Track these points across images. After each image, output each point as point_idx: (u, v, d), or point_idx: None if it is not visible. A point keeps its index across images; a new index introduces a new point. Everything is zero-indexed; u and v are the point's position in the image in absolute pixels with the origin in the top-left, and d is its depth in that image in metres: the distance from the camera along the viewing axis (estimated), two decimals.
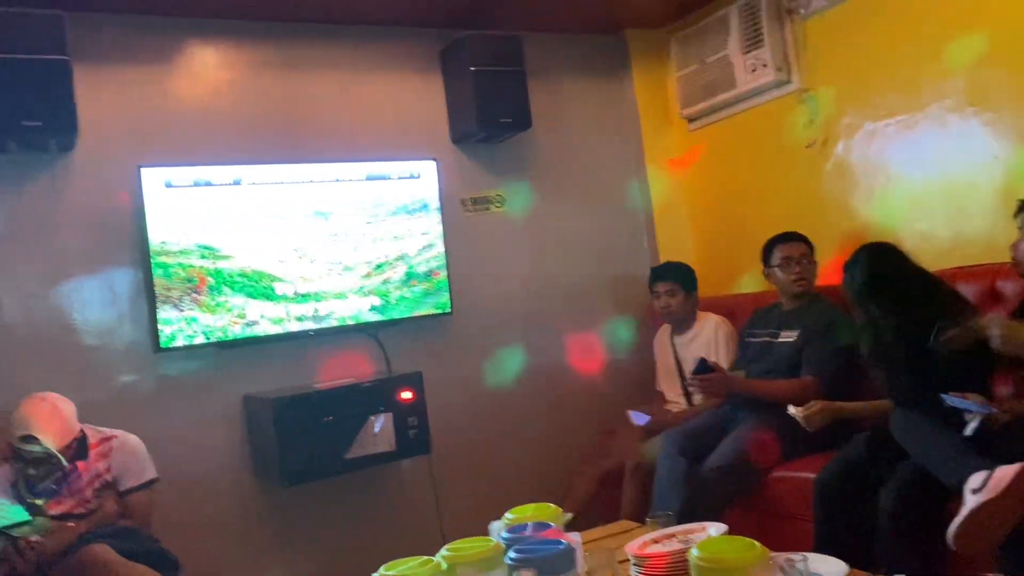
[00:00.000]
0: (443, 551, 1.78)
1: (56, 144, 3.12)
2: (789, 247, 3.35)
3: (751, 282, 3.82)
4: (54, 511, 2.71)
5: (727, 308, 3.85)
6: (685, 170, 4.43)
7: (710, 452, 3.09)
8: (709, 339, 3.68)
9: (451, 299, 3.78)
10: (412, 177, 3.74)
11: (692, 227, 4.43)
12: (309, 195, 3.54)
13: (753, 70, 3.84)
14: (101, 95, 3.26)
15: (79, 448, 2.79)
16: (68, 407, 2.81)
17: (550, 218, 4.19)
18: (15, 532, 2.48)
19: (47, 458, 2.67)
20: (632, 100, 4.42)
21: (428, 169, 3.76)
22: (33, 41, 2.91)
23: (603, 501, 3.51)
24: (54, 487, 2.73)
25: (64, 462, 2.68)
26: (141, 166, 3.21)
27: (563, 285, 4.17)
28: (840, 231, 3.55)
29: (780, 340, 3.30)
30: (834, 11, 3.58)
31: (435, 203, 3.76)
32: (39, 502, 2.70)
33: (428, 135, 3.92)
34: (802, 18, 3.71)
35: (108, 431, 2.88)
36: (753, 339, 3.44)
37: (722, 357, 3.57)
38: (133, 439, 2.89)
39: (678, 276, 3.78)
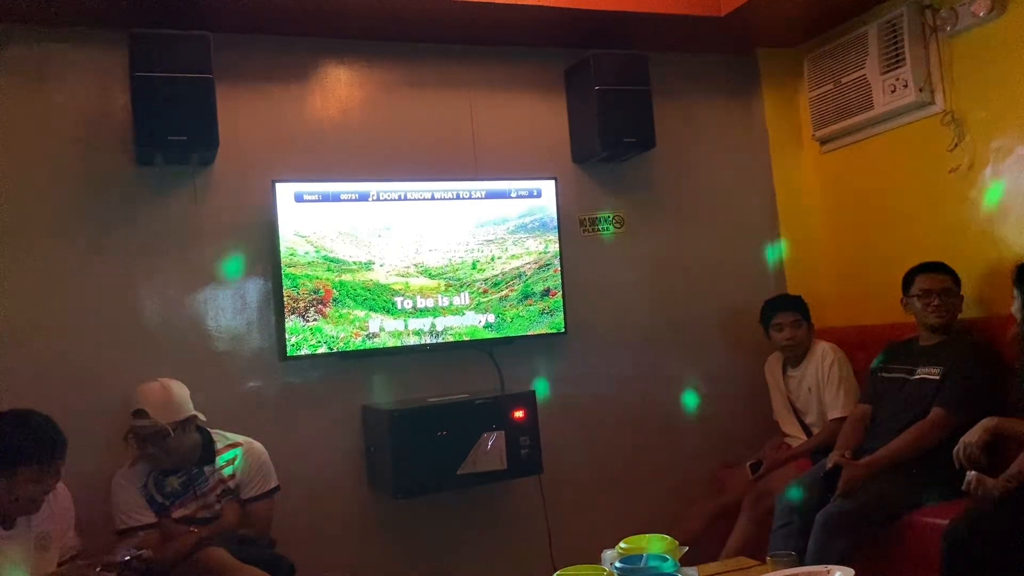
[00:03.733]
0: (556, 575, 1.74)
1: (198, 158, 3.29)
2: (931, 278, 3.15)
3: (884, 313, 3.62)
4: (177, 513, 2.82)
5: (857, 339, 3.68)
6: (816, 194, 4.26)
7: (828, 499, 2.92)
8: (820, 370, 3.54)
9: (565, 319, 3.74)
10: (532, 195, 3.74)
11: (822, 254, 4.24)
12: (431, 211, 3.59)
13: (892, 91, 3.66)
14: (240, 112, 3.41)
15: (205, 452, 2.88)
16: (179, 388, 2.86)
17: (671, 241, 4.10)
18: None
19: (156, 432, 2.74)
20: (761, 121, 4.29)
21: (548, 188, 3.76)
22: (180, 60, 3.08)
23: (716, 536, 3.39)
24: (180, 489, 2.83)
25: (171, 433, 2.75)
26: (275, 181, 3.33)
27: (682, 310, 4.06)
28: (986, 262, 3.32)
29: (917, 377, 3.11)
30: (983, 28, 3.37)
31: (554, 222, 3.75)
32: (166, 503, 2.81)
33: (550, 154, 3.92)
34: (948, 36, 3.51)
35: (235, 438, 2.97)
36: (886, 374, 3.25)
37: (831, 389, 3.44)
38: (258, 447, 2.96)
39: (800, 306, 3.66)
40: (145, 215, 3.30)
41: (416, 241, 3.57)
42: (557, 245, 3.75)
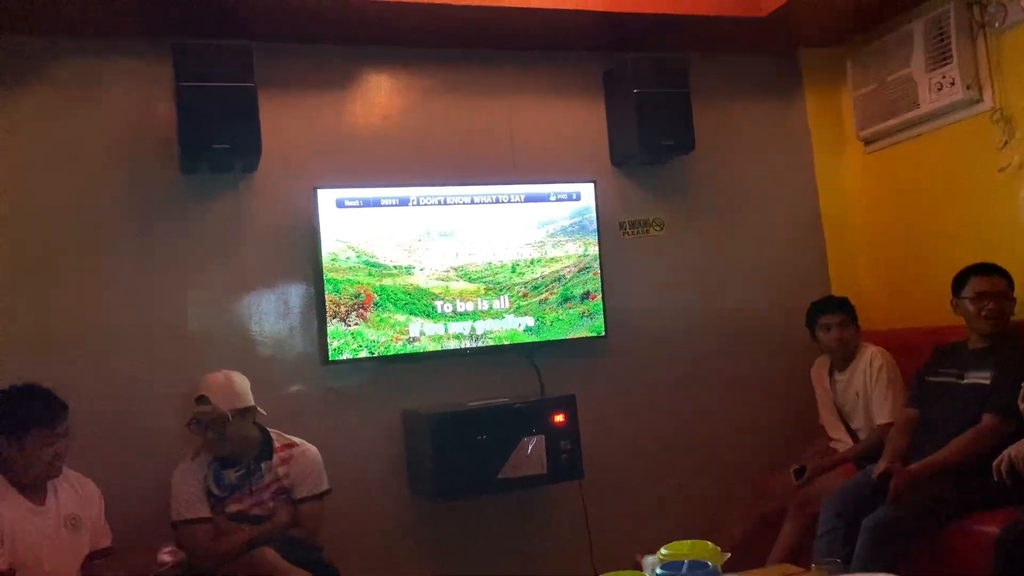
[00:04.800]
0: None
1: (241, 166, 3.34)
2: (986, 281, 3.08)
3: (930, 316, 3.54)
4: (232, 508, 2.89)
5: (902, 342, 3.62)
6: (861, 195, 4.19)
7: (872, 508, 2.86)
8: (868, 373, 3.48)
9: (606, 323, 3.73)
10: (571, 199, 3.74)
11: (866, 256, 4.17)
12: (470, 215, 3.60)
13: (939, 88, 3.58)
14: (282, 119, 3.45)
15: (263, 449, 2.96)
16: (241, 379, 2.95)
17: (712, 244, 4.06)
18: None
19: (216, 418, 2.83)
20: (803, 121, 4.23)
21: (587, 191, 3.75)
22: (223, 69, 3.13)
23: (759, 542, 3.34)
24: (237, 483, 2.91)
25: (231, 419, 2.84)
26: (317, 187, 3.37)
27: (723, 313, 4.02)
28: None
29: (967, 382, 3.04)
30: None
31: (593, 225, 3.74)
32: (223, 496, 2.89)
33: (589, 157, 3.91)
34: (996, 32, 3.43)
35: (291, 439, 3.03)
36: (934, 378, 3.19)
37: (879, 393, 3.38)
38: (313, 450, 3.02)
39: (847, 308, 3.60)
40: (190, 222, 3.36)
41: (456, 245, 3.58)
42: (597, 248, 3.74)
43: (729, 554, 2.00)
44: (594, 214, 3.74)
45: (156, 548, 2.74)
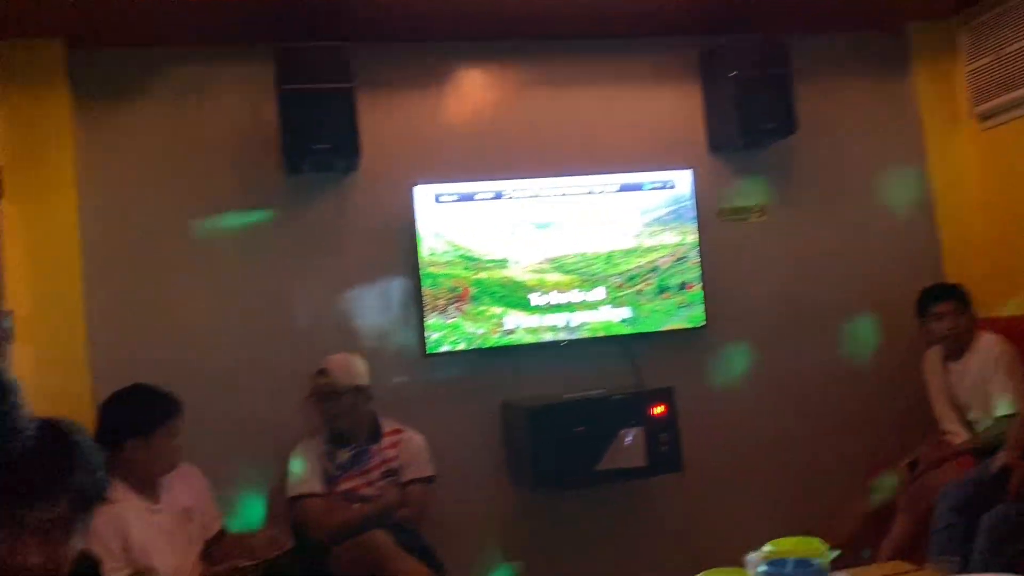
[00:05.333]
0: None
1: (342, 165, 3.43)
2: None
3: None
4: (343, 486, 3.06)
5: (1019, 330, 3.41)
6: (976, 175, 3.97)
7: (991, 504, 2.72)
8: (986, 363, 3.31)
9: (705, 312, 3.66)
10: (666, 187, 3.68)
11: (982, 240, 3.96)
12: (564, 207, 3.60)
13: None
14: (380, 119, 3.52)
15: (372, 432, 3.15)
16: (359, 361, 3.18)
17: (816, 230, 3.93)
18: None
19: (334, 391, 3.05)
20: (913, 99, 4.04)
21: (684, 178, 3.69)
22: (323, 72, 3.22)
23: (870, 538, 3.23)
24: (349, 463, 3.08)
25: (347, 393, 3.06)
26: (415, 184, 3.43)
27: (829, 302, 3.88)
28: None
29: None
30: None
31: (690, 213, 3.68)
32: (336, 474, 3.06)
33: (685, 144, 3.84)
34: None
35: (399, 425, 3.21)
36: None
37: (998, 383, 3.22)
38: (420, 437, 3.20)
39: (959, 295, 3.43)
40: (294, 221, 3.47)
41: (550, 237, 3.58)
42: (694, 237, 3.67)
43: (838, 551, 1.94)
44: (692, 202, 3.68)
45: (265, 532, 2.87)
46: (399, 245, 3.52)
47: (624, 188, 3.66)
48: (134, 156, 3.35)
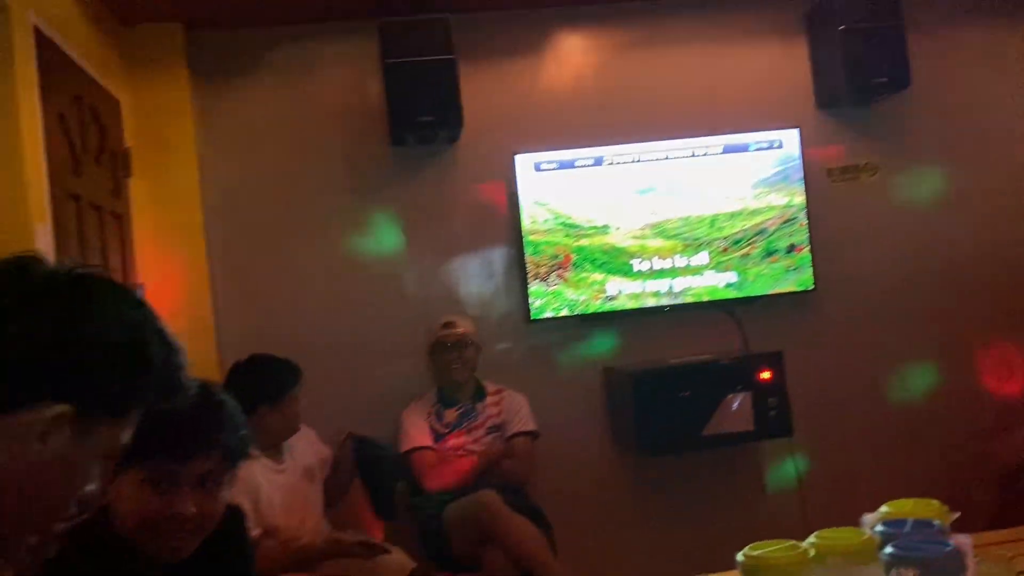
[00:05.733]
0: (811, 538, 1.70)
1: (444, 136, 3.49)
2: None
3: None
4: (451, 443, 3.20)
5: None
6: None
7: None
8: None
9: (814, 276, 3.57)
10: (772, 147, 3.60)
11: None
12: (666, 171, 3.56)
13: None
14: (481, 88, 3.55)
15: (477, 392, 3.29)
16: (471, 321, 3.38)
17: (932, 188, 3.76)
18: None
19: (459, 340, 3.22)
20: None
21: (790, 138, 3.59)
22: (424, 44, 3.28)
23: (993, 503, 3.11)
24: (456, 421, 3.23)
25: (471, 344, 3.25)
26: (516, 153, 3.47)
27: (946, 264, 3.72)
28: None
29: None
30: None
31: (797, 174, 3.58)
32: (443, 432, 3.21)
33: (791, 102, 3.73)
34: None
35: (500, 386, 3.34)
36: None
37: None
38: (520, 395, 3.32)
39: None
40: (400, 191, 3.56)
41: (652, 202, 3.56)
42: (802, 198, 3.58)
43: (958, 513, 1.88)
44: (799, 162, 3.58)
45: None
46: (501, 214, 3.57)
47: (728, 150, 3.59)
48: (249, 133, 3.50)
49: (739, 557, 1.57)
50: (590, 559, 3.39)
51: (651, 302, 3.55)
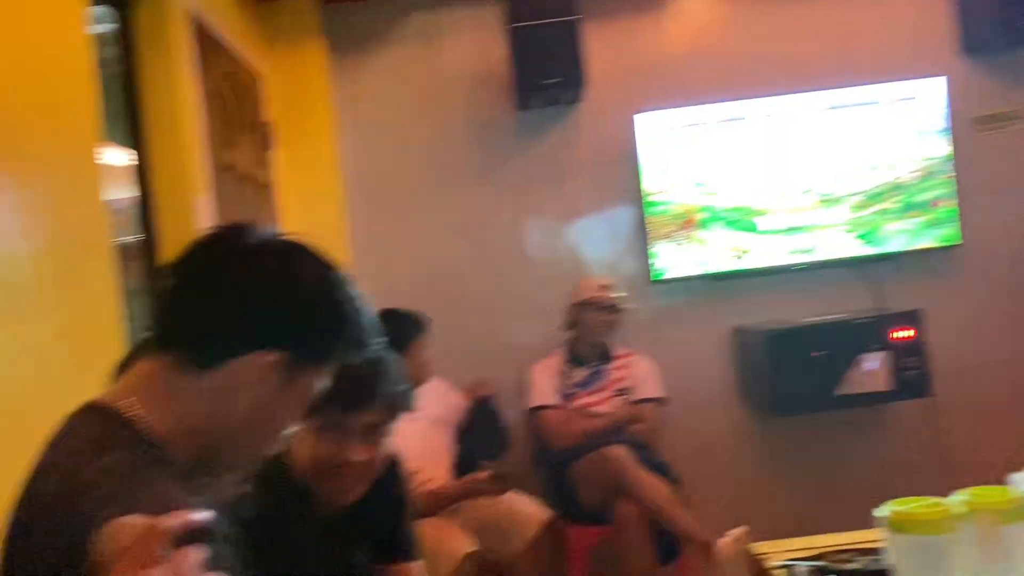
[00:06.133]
0: (958, 496, 1.67)
1: (568, 98, 3.51)
2: None
3: None
4: (577, 403, 3.25)
5: None
6: None
7: None
8: None
9: (961, 231, 3.41)
10: (912, 97, 3.44)
11: None
12: (798, 126, 3.47)
13: None
14: (604, 49, 3.54)
15: (606, 354, 3.32)
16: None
17: None
18: None
19: (612, 304, 3.23)
20: None
21: (932, 87, 3.43)
22: (550, 6, 3.29)
23: None
24: (585, 381, 3.27)
25: (622, 311, 3.26)
26: (639, 112, 3.45)
27: None
28: None
29: None
30: None
31: (940, 124, 3.42)
32: (571, 391, 3.26)
33: (934, 49, 3.55)
34: None
35: (628, 350, 3.35)
36: None
37: None
38: (648, 360, 3.33)
39: None
40: (525, 154, 3.62)
41: (783, 158, 3.48)
42: (948, 149, 3.42)
43: None
44: (943, 111, 3.42)
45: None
46: (625, 174, 3.57)
47: (864, 102, 3.46)
48: (381, 101, 3.62)
49: (882, 512, 1.57)
50: (720, 518, 3.40)
51: (782, 261, 3.49)
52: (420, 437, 2.87)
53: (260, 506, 1.35)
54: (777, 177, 3.48)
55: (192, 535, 0.69)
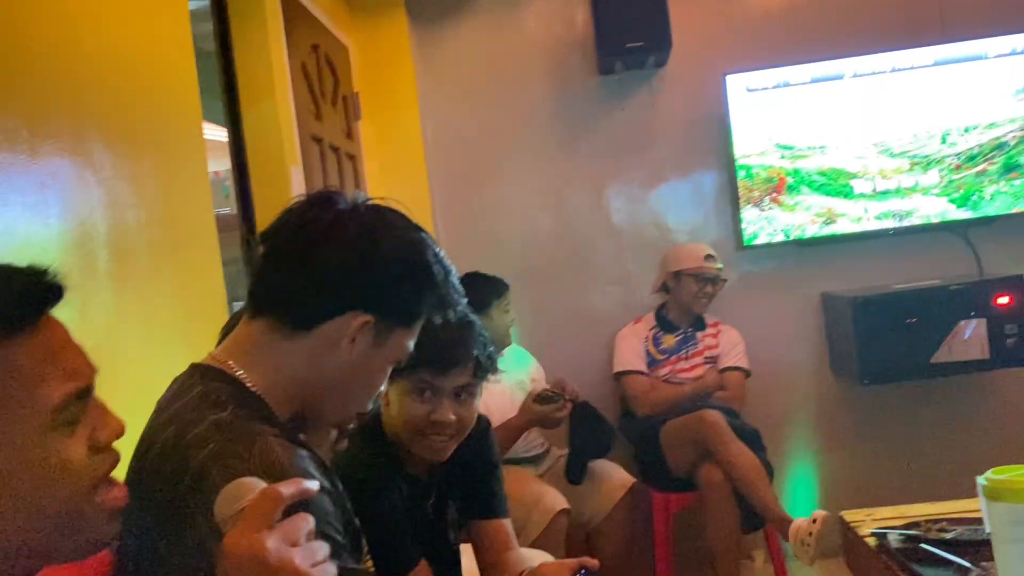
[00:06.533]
0: None
1: (653, 61, 3.46)
2: None
3: None
4: (665, 369, 3.27)
5: None
6: None
7: None
8: None
9: None
10: (1015, 53, 3.27)
11: None
12: (891, 85, 3.35)
13: None
14: (689, 9, 3.47)
15: (697, 321, 3.32)
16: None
17: None
18: None
19: (717, 275, 3.22)
20: None
21: None
22: None
23: None
24: (674, 347, 3.28)
25: (723, 281, 3.25)
26: (726, 74, 3.38)
27: None
28: None
29: None
30: None
31: None
32: (659, 357, 3.28)
33: None
34: None
35: (718, 319, 3.36)
36: None
37: None
38: (736, 331, 3.32)
39: None
40: (608, 120, 3.59)
41: (875, 119, 3.36)
42: None
43: None
44: None
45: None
46: (711, 138, 3.52)
47: (963, 59, 3.31)
48: (462, 69, 3.64)
49: (981, 480, 1.54)
50: (806, 487, 3.37)
51: (874, 225, 3.39)
52: (500, 398, 2.93)
53: (353, 464, 1.41)
54: (869, 138, 3.36)
55: (303, 503, 0.72)
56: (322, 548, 0.73)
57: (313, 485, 0.75)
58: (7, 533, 0.71)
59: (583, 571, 1.36)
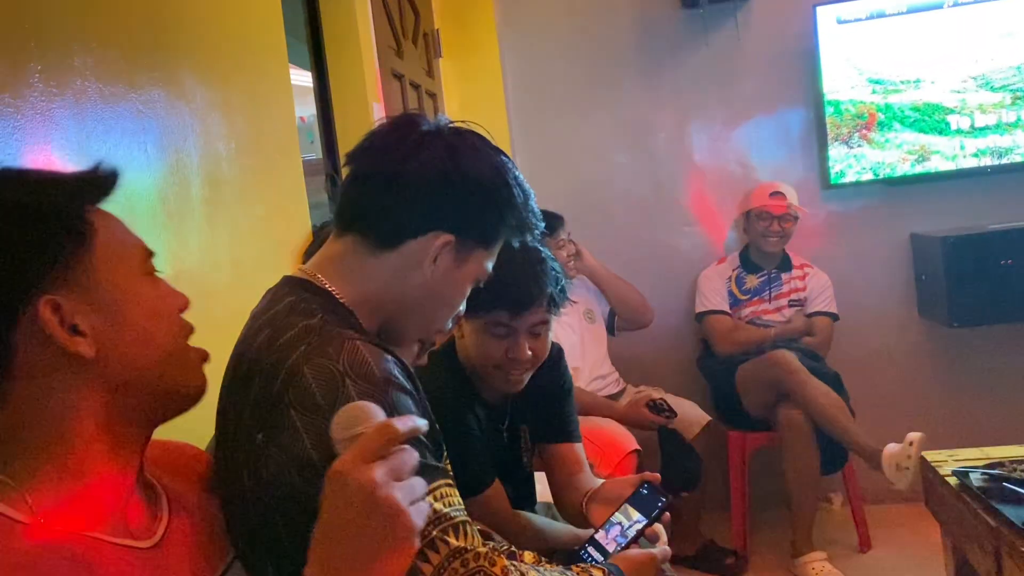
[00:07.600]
0: None
1: None
2: None
3: None
4: (748, 310, 3.23)
5: None
6: None
7: None
8: None
9: None
10: None
11: None
12: (993, 14, 3.16)
13: None
14: None
15: (783, 261, 3.26)
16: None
17: None
18: None
19: (786, 213, 3.15)
20: None
21: None
22: None
23: None
24: (757, 288, 3.25)
25: (795, 217, 3.18)
26: (816, 4, 3.25)
27: None
28: None
29: None
30: None
31: None
32: (742, 298, 3.25)
33: None
34: None
35: (806, 261, 3.30)
36: None
37: None
38: (825, 275, 3.25)
39: None
40: (691, 54, 3.50)
41: (974, 50, 3.20)
42: None
43: None
44: None
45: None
46: (798, 73, 3.41)
47: None
48: (542, 5, 3.59)
49: None
50: (891, 430, 3.31)
51: (970, 164, 3.24)
52: (570, 329, 2.99)
53: (431, 387, 1.46)
54: (968, 72, 3.20)
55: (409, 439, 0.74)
56: (421, 485, 0.75)
57: (423, 424, 0.76)
58: (127, 359, 0.79)
59: (645, 484, 1.38)
